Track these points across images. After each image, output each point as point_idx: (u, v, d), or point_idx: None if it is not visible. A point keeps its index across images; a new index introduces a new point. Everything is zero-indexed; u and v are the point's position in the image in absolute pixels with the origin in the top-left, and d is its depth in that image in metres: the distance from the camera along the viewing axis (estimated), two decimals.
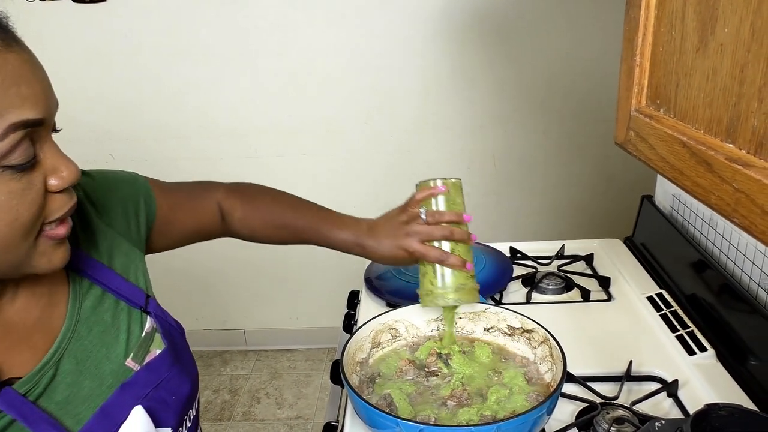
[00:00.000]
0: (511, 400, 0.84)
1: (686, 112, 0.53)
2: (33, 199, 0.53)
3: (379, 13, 2.06)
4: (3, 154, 0.49)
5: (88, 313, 0.66)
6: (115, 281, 0.69)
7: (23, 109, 0.50)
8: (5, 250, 0.52)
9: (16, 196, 0.51)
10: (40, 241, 0.55)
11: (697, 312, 1.12)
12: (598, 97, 2.14)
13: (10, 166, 0.50)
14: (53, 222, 0.56)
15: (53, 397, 0.60)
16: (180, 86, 2.16)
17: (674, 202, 1.35)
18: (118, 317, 0.68)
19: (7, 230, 0.51)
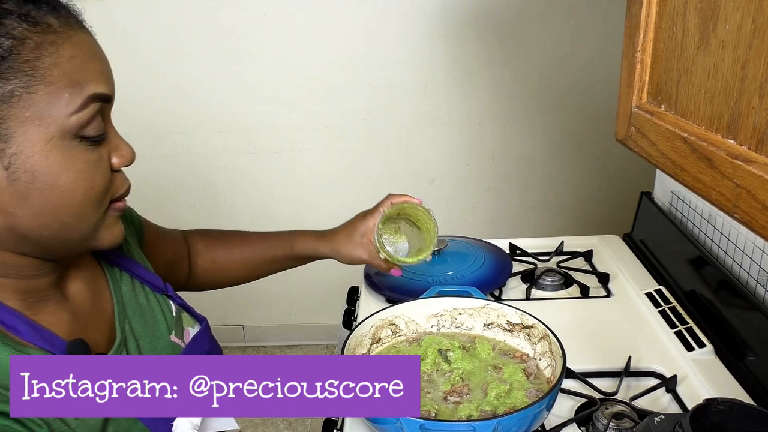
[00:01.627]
0: (511, 396, 0.85)
1: (687, 109, 0.53)
2: (104, 170, 0.57)
3: (378, 10, 2.06)
4: (83, 123, 0.53)
5: (128, 297, 0.71)
6: (137, 269, 0.74)
7: (99, 84, 0.55)
8: (81, 218, 0.56)
9: (92, 165, 0.55)
10: (108, 214, 0.60)
11: (695, 308, 1.12)
12: (597, 93, 2.14)
13: (86, 138, 0.54)
14: (116, 199, 0.60)
15: None
16: (178, 82, 2.16)
17: (673, 198, 1.36)
18: (150, 300, 0.73)
19: (84, 197, 0.55)
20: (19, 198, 0.52)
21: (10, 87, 0.49)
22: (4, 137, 0.50)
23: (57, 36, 0.52)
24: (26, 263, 0.58)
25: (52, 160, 0.52)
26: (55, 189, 0.53)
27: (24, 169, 0.51)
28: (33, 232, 0.55)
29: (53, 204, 0.54)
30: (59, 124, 0.52)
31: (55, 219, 0.55)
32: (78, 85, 0.53)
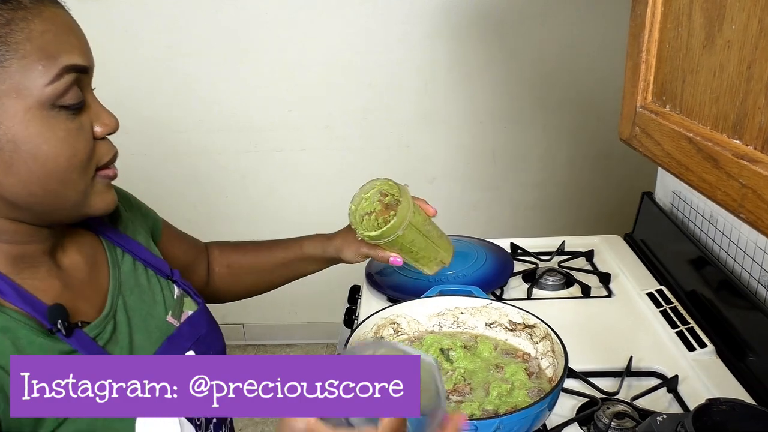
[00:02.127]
0: (513, 395, 0.85)
1: (692, 109, 0.53)
2: (86, 138, 0.59)
3: (379, 9, 2.06)
4: (59, 93, 0.56)
5: (126, 276, 0.73)
6: (143, 253, 0.77)
7: (73, 55, 0.57)
8: (67, 185, 0.58)
9: (72, 134, 0.57)
10: (97, 181, 0.62)
11: (696, 308, 1.13)
12: (598, 93, 2.14)
13: (65, 107, 0.57)
14: (103, 167, 0.62)
15: (115, 347, 0.66)
16: (179, 81, 2.15)
17: (674, 198, 1.36)
18: (151, 282, 0.76)
19: (67, 164, 0.57)
20: (5, 167, 0.55)
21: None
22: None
23: (27, 12, 0.54)
24: (21, 229, 0.61)
25: (32, 129, 0.55)
26: (38, 157, 0.56)
27: (6, 140, 0.54)
28: (22, 199, 0.58)
29: (38, 172, 0.56)
30: (35, 95, 0.54)
31: (41, 186, 0.57)
32: (51, 57, 0.55)
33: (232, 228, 2.33)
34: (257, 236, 1.07)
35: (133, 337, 0.69)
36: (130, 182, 0.90)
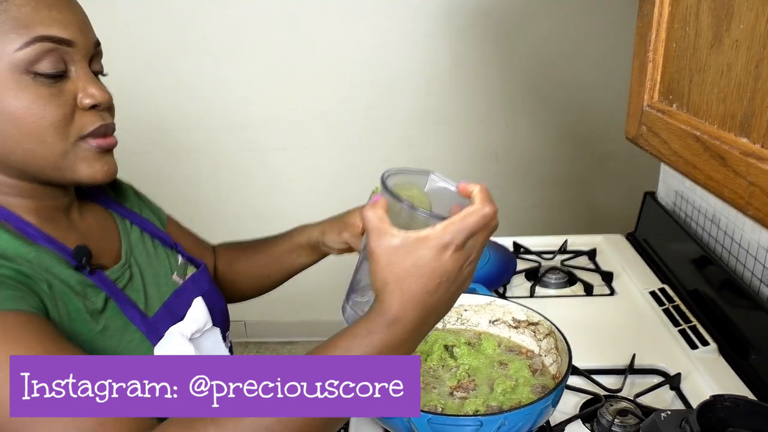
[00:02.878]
0: (517, 392, 0.85)
1: (700, 108, 0.53)
2: (60, 104, 0.63)
3: (381, 7, 2.06)
4: (30, 60, 0.60)
5: (135, 242, 0.80)
6: (149, 226, 0.84)
7: (52, 27, 0.61)
8: (42, 146, 0.63)
9: (43, 98, 0.62)
10: (81, 148, 0.65)
11: (699, 307, 1.13)
12: (601, 92, 2.14)
13: (41, 74, 0.61)
14: (92, 135, 0.66)
15: (132, 291, 0.72)
16: (181, 79, 2.16)
17: (677, 198, 1.36)
18: (157, 249, 0.83)
19: (35, 126, 0.62)
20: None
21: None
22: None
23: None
24: (25, 187, 0.66)
25: (3, 90, 0.60)
26: (9, 116, 0.61)
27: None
28: (4, 157, 0.63)
29: (10, 130, 0.61)
30: (7, 59, 0.60)
31: (16, 144, 0.62)
32: (25, 27, 0.60)
33: (234, 226, 2.34)
34: (259, 235, 1.08)
35: (146, 288, 0.75)
36: (131, 180, 0.92)
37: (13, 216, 0.65)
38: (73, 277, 0.64)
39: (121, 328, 0.67)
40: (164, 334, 0.71)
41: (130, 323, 0.68)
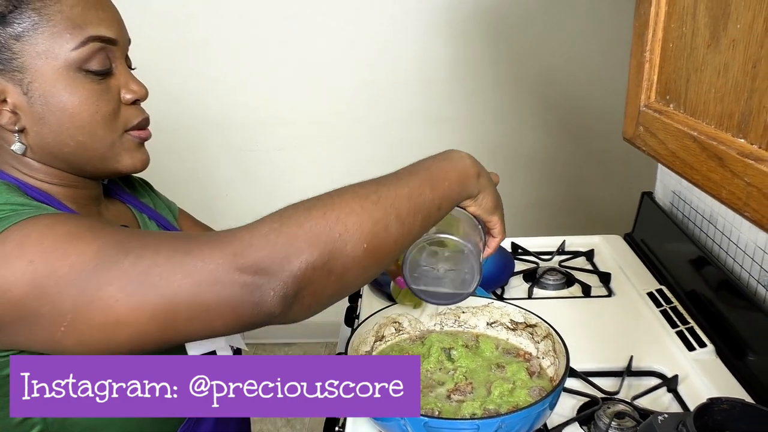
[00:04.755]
0: (514, 395, 0.85)
1: (697, 108, 0.53)
2: (109, 99, 0.67)
3: (381, 6, 2.06)
4: (83, 59, 0.64)
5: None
6: (163, 221, 0.87)
7: (100, 27, 0.66)
8: (93, 138, 0.67)
9: (96, 93, 0.66)
10: (126, 138, 0.70)
11: (696, 308, 1.13)
12: (599, 91, 2.14)
13: (90, 71, 0.65)
14: (133, 128, 0.70)
15: None
16: (179, 78, 2.15)
17: (674, 198, 1.36)
18: None
19: (90, 119, 0.66)
20: (38, 118, 0.64)
21: (21, 28, 0.62)
22: (20, 68, 0.63)
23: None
24: (66, 176, 0.70)
25: (59, 87, 0.64)
26: (64, 111, 0.64)
27: (39, 94, 0.63)
28: (56, 148, 0.66)
29: (65, 124, 0.65)
30: (63, 57, 0.63)
31: (70, 137, 0.66)
32: (78, 28, 0.64)
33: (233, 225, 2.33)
34: None
35: None
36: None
37: (54, 200, 0.68)
38: None
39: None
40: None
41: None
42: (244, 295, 0.52)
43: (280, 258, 0.52)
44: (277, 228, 0.54)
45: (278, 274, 0.52)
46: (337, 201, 0.57)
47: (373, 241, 0.56)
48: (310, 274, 0.53)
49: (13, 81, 0.63)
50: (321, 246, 0.53)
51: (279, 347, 2.55)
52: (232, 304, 0.52)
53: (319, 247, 0.53)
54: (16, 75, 0.63)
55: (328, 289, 0.55)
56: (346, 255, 0.54)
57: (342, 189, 0.59)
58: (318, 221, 0.54)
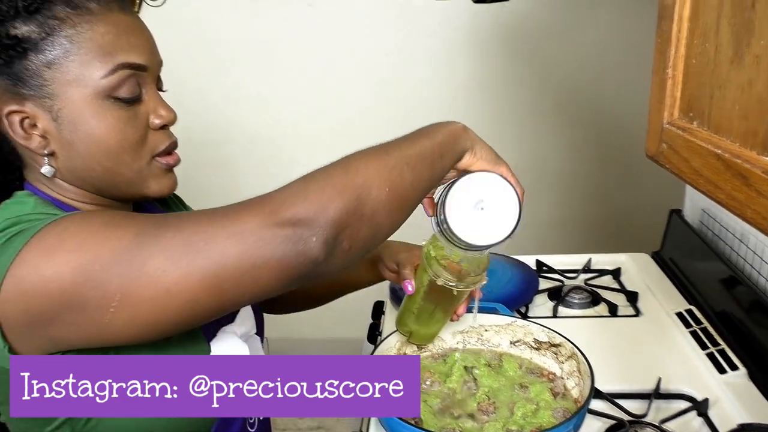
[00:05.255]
0: (538, 416, 0.83)
1: (721, 125, 0.52)
2: (137, 126, 0.67)
3: (407, 22, 2.08)
4: (113, 86, 0.64)
5: None
6: None
7: (130, 54, 0.66)
8: (120, 164, 0.67)
9: (123, 121, 0.66)
10: (153, 165, 0.70)
11: (728, 329, 1.10)
12: (623, 107, 2.12)
13: (119, 98, 0.65)
14: (161, 154, 0.70)
15: None
16: (202, 93, 2.19)
17: (703, 216, 1.33)
18: None
19: (118, 147, 0.66)
20: (66, 144, 0.65)
21: (52, 56, 0.62)
22: (51, 95, 0.63)
23: (93, 16, 0.64)
24: (96, 198, 0.71)
25: (88, 114, 0.64)
26: (92, 138, 0.65)
27: (68, 121, 0.64)
28: (84, 173, 0.67)
29: (93, 150, 0.66)
30: (92, 85, 0.64)
31: (97, 163, 0.67)
32: (109, 55, 0.64)
33: None
34: None
35: None
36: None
37: None
38: None
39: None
40: (215, 331, 0.72)
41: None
42: (287, 246, 0.55)
43: (315, 208, 0.56)
44: (307, 186, 0.59)
45: (317, 222, 0.55)
46: (353, 159, 0.63)
47: (392, 186, 0.61)
48: (345, 218, 0.57)
49: (44, 107, 0.64)
50: (349, 193, 0.58)
51: None
52: (278, 257, 0.55)
53: (347, 194, 0.58)
54: (47, 102, 0.63)
55: (363, 231, 0.59)
56: (372, 199, 0.59)
57: (353, 153, 0.66)
58: (341, 175, 0.60)
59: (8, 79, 0.63)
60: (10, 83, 0.63)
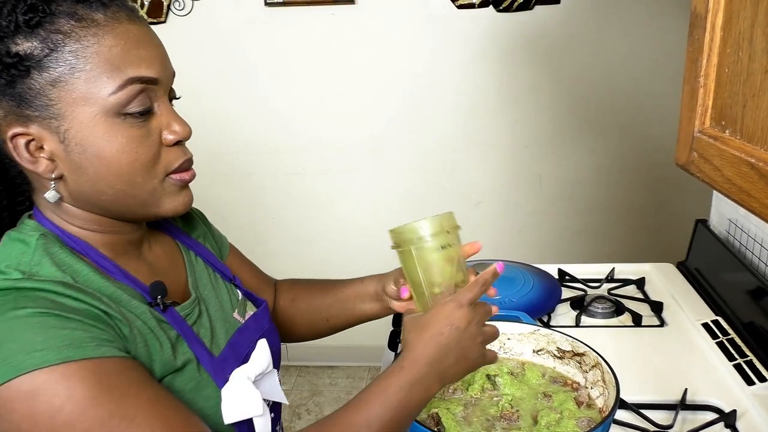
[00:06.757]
0: (561, 425, 0.83)
1: (754, 134, 0.52)
2: (150, 145, 0.63)
3: (426, 33, 2.08)
4: (123, 103, 0.60)
5: (200, 275, 0.79)
6: (210, 257, 0.84)
7: (140, 68, 0.61)
8: (133, 186, 0.64)
9: (135, 140, 0.62)
10: (167, 183, 0.66)
11: (755, 340, 1.08)
12: (648, 116, 2.10)
13: (130, 114, 0.61)
14: (175, 171, 0.66)
15: (200, 328, 0.72)
16: (228, 105, 2.21)
17: (730, 226, 1.32)
18: (219, 282, 0.81)
19: (129, 168, 0.62)
20: (75, 167, 0.62)
21: (57, 73, 0.59)
22: (57, 116, 0.59)
23: (99, 28, 0.60)
24: (105, 221, 0.67)
25: (97, 134, 0.60)
26: (102, 159, 0.61)
27: (75, 142, 0.60)
28: (93, 196, 0.64)
29: (103, 173, 0.62)
30: (100, 103, 0.60)
31: (108, 186, 0.63)
32: (117, 70, 0.60)
33: (275, 249, 2.37)
34: (303, 258, 1.06)
35: (213, 325, 0.74)
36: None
37: (92, 250, 0.66)
38: (147, 314, 0.65)
39: (193, 368, 0.67)
40: (228, 375, 0.70)
41: (198, 363, 0.68)
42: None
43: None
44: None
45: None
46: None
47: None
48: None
49: (50, 129, 0.60)
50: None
51: (323, 369, 2.56)
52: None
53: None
54: (53, 123, 0.59)
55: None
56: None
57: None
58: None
59: (11, 100, 0.59)
60: (13, 104, 0.59)
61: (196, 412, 0.64)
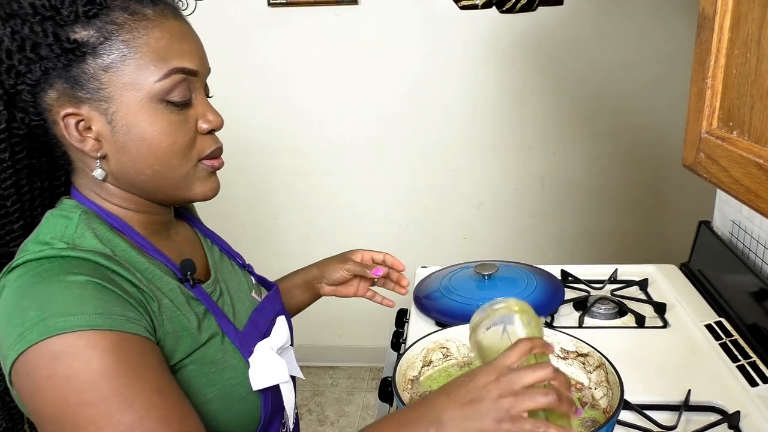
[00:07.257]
0: None
1: (762, 134, 0.52)
2: (187, 131, 0.69)
3: (429, 34, 2.09)
4: (166, 90, 0.66)
5: (218, 259, 0.85)
6: (225, 245, 0.90)
7: (183, 60, 0.67)
8: (169, 168, 0.69)
9: (174, 125, 0.68)
10: (199, 168, 0.72)
11: (759, 342, 1.08)
12: (651, 118, 2.10)
13: (171, 102, 0.67)
14: (208, 157, 0.73)
15: (224, 305, 0.77)
16: (230, 103, 2.22)
17: (733, 228, 1.32)
18: (234, 267, 0.88)
19: (168, 150, 0.68)
20: (119, 147, 0.67)
21: (110, 60, 0.64)
22: (106, 98, 0.65)
23: (149, 22, 0.66)
24: (142, 202, 0.73)
25: (141, 117, 0.66)
26: (144, 141, 0.67)
27: (122, 124, 0.66)
28: (133, 176, 0.69)
29: (144, 154, 0.67)
30: (146, 89, 0.65)
31: (148, 166, 0.68)
32: (163, 60, 0.66)
33: (280, 249, 2.37)
34: (306, 258, 1.08)
35: (234, 303, 0.80)
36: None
37: (128, 227, 0.71)
38: (176, 290, 0.70)
39: (218, 341, 0.72)
40: (252, 348, 0.74)
41: (225, 336, 0.73)
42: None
43: None
44: None
45: None
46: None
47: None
48: None
49: (99, 110, 0.65)
50: None
51: (324, 370, 2.56)
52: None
53: None
54: (102, 105, 0.65)
55: None
56: None
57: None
58: None
59: (66, 82, 0.64)
60: (68, 87, 0.64)
61: (224, 382, 0.69)
